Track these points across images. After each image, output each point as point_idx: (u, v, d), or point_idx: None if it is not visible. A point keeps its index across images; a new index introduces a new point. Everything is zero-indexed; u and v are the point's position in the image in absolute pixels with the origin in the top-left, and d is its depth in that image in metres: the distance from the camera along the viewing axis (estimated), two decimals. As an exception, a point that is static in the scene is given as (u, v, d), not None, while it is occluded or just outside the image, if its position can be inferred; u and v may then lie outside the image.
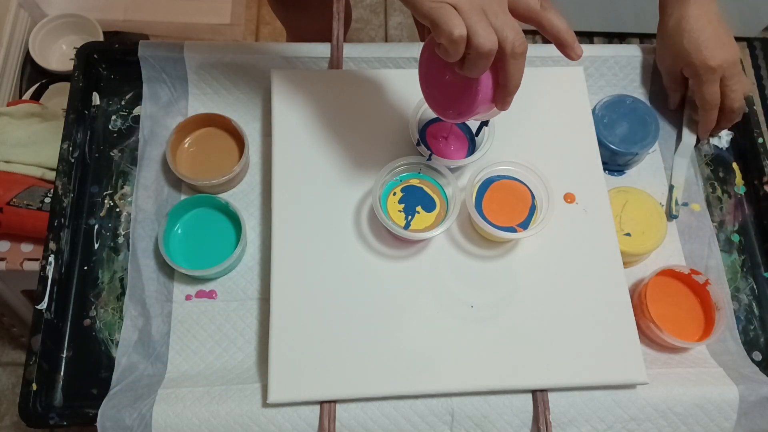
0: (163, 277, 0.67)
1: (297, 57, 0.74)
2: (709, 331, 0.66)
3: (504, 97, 0.51)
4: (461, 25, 0.46)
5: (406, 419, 0.59)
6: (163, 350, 0.64)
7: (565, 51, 0.52)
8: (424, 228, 0.64)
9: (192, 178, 0.68)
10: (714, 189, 0.77)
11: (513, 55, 0.48)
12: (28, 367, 0.61)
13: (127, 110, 0.75)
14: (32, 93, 1.36)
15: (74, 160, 0.70)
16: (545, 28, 0.51)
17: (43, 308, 0.62)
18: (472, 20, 0.46)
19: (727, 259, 0.73)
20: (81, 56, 0.74)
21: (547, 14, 0.51)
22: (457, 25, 0.46)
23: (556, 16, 0.51)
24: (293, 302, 0.61)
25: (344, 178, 0.66)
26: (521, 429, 0.60)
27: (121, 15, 1.56)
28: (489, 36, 0.46)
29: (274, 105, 0.69)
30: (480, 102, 0.51)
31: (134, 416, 0.58)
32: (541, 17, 0.51)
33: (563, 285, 0.64)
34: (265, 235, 0.69)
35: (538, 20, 0.51)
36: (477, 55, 0.47)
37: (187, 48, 0.73)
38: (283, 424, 0.58)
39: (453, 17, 0.46)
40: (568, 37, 0.52)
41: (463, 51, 0.47)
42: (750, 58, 1.80)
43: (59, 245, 0.66)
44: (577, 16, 1.72)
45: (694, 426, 0.62)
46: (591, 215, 0.66)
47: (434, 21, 0.46)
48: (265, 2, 1.70)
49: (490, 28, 0.46)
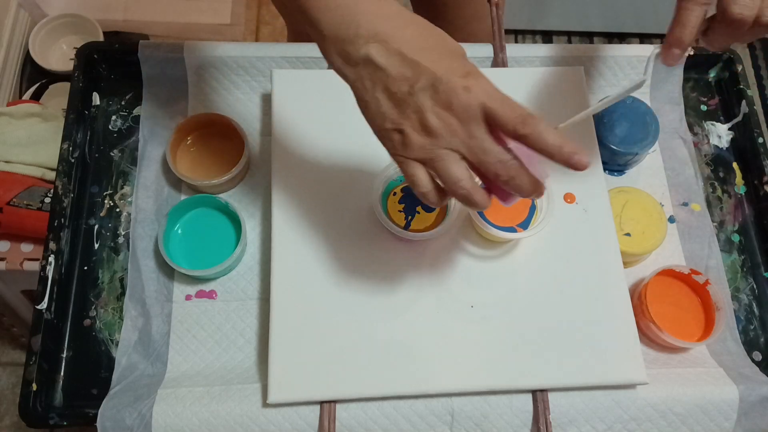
0: (163, 277, 0.67)
1: (297, 57, 0.74)
2: (709, 331, 0.66)
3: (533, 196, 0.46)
4: (425, 180, 0.45)
5: (406, 419, 0.59)
6: (163, 350, 0.64)
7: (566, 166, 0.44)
8: (424, 228, 0.64)
9: (192, 178, 0.68)
10: (714, 189, 0.77)
11: (503, 183, 0.44)
12: (28, 367, 0.61)
13: (127, 110, 0.75)
14: (32, 93, 1.36)
15: (74, 160, 0.70)
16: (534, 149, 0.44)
17: (43, 308, 0.62)
18: (437, 167, 0.44)
19: (727, 259, 0.73)
20: (81, 56, 0.74)
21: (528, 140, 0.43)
22: (420, 180, 0.45)
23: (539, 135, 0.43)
24: (293, 302, 0.61)
25: (344, 178, 0.66)
26: (521, 429, 0.60)
27: (121, 15, 1.56)
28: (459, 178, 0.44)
29: (274, 105, 0.69)
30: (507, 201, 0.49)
31: (134, 416, 0.58)
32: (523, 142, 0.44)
33: (563, 285, 0.64)
34: (265, 235, 0.69)
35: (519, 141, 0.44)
36: (458, 198, 0.45)
37: (187, 48, 0.73)
38: (283, 424, 0.58)
39: (414, 173, 0.45)
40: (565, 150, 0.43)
41: (442, 198, 0.46)
42: (750, 58, 1.80)
43: (59, 245, 0.66)
44: (577, 16, 1.72)
45: (694, 426, 0.62)
46: (591, 215, 0.66)
47: (404, 175, 0.46)
48: (265, 2, 1.70)
49: (459, 168, 0.44)
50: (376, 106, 0.45)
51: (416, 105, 0.43)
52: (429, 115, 0.43)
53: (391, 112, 0.44)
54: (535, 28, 1.77)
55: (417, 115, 0.43)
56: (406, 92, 0.44)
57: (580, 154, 0.43)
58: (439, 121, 0.43)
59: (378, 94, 0.44)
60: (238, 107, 0.75)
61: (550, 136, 0.43)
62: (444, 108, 0.43)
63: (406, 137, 0.44)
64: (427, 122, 0.43)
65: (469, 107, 0.43)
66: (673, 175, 0.76)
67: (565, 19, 1.73)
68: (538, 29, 1.77)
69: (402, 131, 0.44)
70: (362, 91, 0.45)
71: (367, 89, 0.45)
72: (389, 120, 0.44)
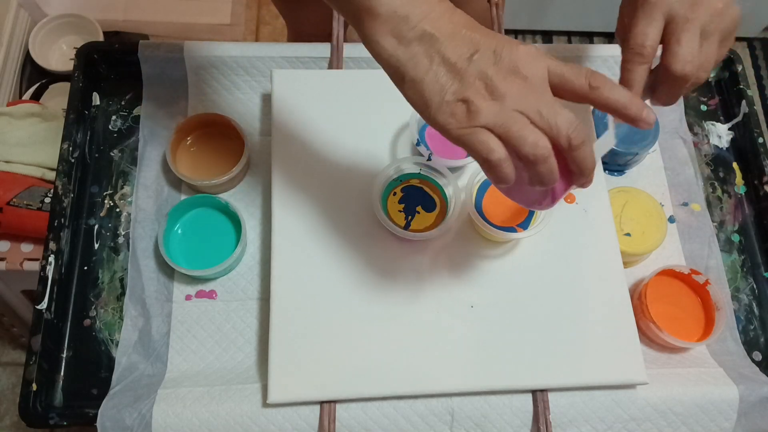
0: (163, 277, 0.67)
1: (297, 57, 0.74)
2: (709, 331, 0.66)
3: (584, 181, 0.45)
4: (497, 147, 0.41)
5: (406, 419, 0.59)
6: (163, 350, 0.64)
7: (633, 124, 0.44)
8: (424, 228, 0.64)
9: (192, 178, 0.68)
10: (714, 189, 0.77)
11: (572, 148, 0.42)
12: (28, 367, 0.61)
13: (127, 110, 0.75)
14: (32, 93, 1.36)
15: (74, 160, 0.70)
16: (602, 109, 0.44)
17: (43, 308, 0.62)
18: (510, 132, 0.41)
19: (727, 259, 0.73)
20: (81, 56, 0.74)
21: (598, 93, 0.43)
22: (492, 147, 0.41)
23: (609, 92, 0.43)
24: (293, 302, 0.61)
25: (344, 178, 0.66)
26: (521, 429, 0.60)
27: (121, 15, 1.56)
28: (536, 140, 0.41)
29: (274, 105, 0.69)
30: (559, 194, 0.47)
31: (134, 416, 0.58)
32: (592, 99, 0.43)
33: (563, 285, 0.64)
34: (265, 235, 0.69)
35: (587, 100, 0.44)
36: (534, 164, 0.41)
37: (187, 48, 0.73)
38: (283, 424, 0.58)
39: (485, 140, 0.41)
40: (631, 110, 0.43)
41: (512, 170, 0.42)
42: (750, 58, 1.80)
43: (59, 245, 0.66)
44: (577, 16, 1.72)
45: (694, 426, 0.62)
46: (591, 215, 0.66)
47: (468, 148, 0.42)
48: (265, 2, 1.70)
49: (534, 131, 0.41)
50: (434, 81, 0.42)
51: (479, 71, 0.42)
52: (495, 78, 0.41)
53: (452, 83, 0.42)
54: (535, 28, 1.77)
55: (482, 81, 0.41)
56: (466, 59, 0.42)
57: (648, 110, 0.43)
58: (507, 84, 0.41)
59: (436, 67, 0.42)
60: (238, 107, 0.75)
61: (619, 90, 0.43)
62: (509, 73, 0.42)
63: (472, 104, 0.41)
64: (494, 86, 0.41)
65: (537, 70, 0.42)
66: (673, 175, 0.76)
67: (565, 19, 1.73)
68: (538, 29, 1.77)
69: (467, 100, 0.41)
70: (416, 70, 0.42)
71: (422, 65, 0.42)
72: (451, 91, 0.42)
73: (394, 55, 0.43)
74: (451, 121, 0.42)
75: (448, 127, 0.42)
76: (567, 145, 0.42)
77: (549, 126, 0.41)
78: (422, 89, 0.42)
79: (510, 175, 0.42)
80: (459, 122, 0.42)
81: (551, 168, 0.42)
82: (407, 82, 0.43)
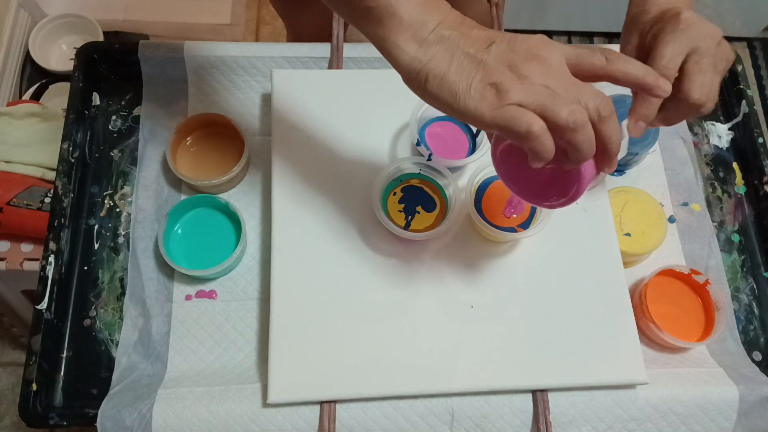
0: (163, 277, 0.67)
1: (297, 57, 0.74)
2: (709, 331, 0.66)
3: (610, 161, 0.46)
4: (535, 119, 0.41)
5: (406, 419, 0.59)
6: (163, 350, 0.64)
7: (651, 93, 0.46)
8: (424, 228, 0.64)
9: (192, 178, 0.68)
10: (714, 189, 0.77)
11: (601, 120, 0.43)
12: (28, 367, 0.61)
13: (127, 110, 0.75)
14: (32, 93, 1.36)
15: (74, 160, 0.70)
16: (620, 80, 0.45)
17: (43, 308, 0.62)
18: (544, 104, 0.42)
19: (727, 259, 0.73)
20: (81, 56, 0.74)
21: (616, 66, 0.45)
22: (530, 120, 0.41)
23: (625, 64, 0.45)
24: (293, 302, 0.61)
25: (344, 178, 0.66)
26: (521, 429, 0.60)
27: (121, 15, 1.56)
28: (572, 108, 0.41)
29: (274, 105, 0.69)
30: (586, 179, 0.46)
31: (134, 416, 0.58)
32: (611, 72, 0.45)
33: (563, 285, 0.64)
34: (265, 235, 0.69)
35: (607, 77, 0.45)
36: (574, 131, 0.42)
37: (187, 48, 0.73)
38: (283, 424, 0.58)
39: (521, 114, 0.41)
40: (648, 80, 0.46)
41: (552, 143, 0.42)
42: (750, 58, 1.80)
43: (59, 245, 0.66)
44: (577, 16, 1.72)
45: (694, 426, 0.62)
46: (591, 215, 0.66)
47: (505, 127, 0.42)
48: (265, 2, 1.70)
49: (566, 102, 0.42)
50: (458, 71, 0.43)
51: (501, 58, 0.43)
52: (518, 62, 0.42)
53: (476, 71, 0.43)
54: (535, 28, 1.77)
55: (506, 66, 0.43)
56: (485, 50, 0.43)
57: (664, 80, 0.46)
58: (529, 66, 0.42)
59: (458, 59, 0.43)
60: (238, 107, 0.75)
61: (633, 62, 0.45)
62: (529, 57, 0.43)
63: (501, 85, 0.42)
64: (517, 68, 0.42)
65: (553, 53, 0.43)
66: (673, 175, 0.76)
67: (565, 19, 1.73)
68: (538, 29, 1.77)
69: (495, 83, 0.42)
70: (439, 66, 0.44)
71: (444, 61, 0.43)
72: (477, 78, 0.43)
73: (416, 57, 0.44)
74: (483, 105, 0.43)
75: (481, 111, 0.43)
76: (597, 116, 0.42)
77: (576, 99, 0.42)
78: (447, 82, 0.43)
79: (551, 147, 0.43)
80: (491, 104, 0.42)
81: (590, 135, 0.42)
82: (430, 80, 0.44)
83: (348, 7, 0.47)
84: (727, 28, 1.77)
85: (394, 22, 0.44)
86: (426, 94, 0.45)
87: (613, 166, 0.46)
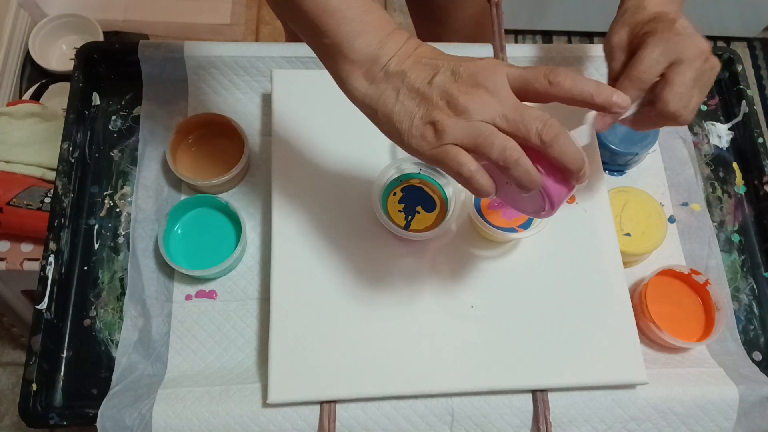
0: (163, 277, 0.67)
1: (297, 57, 0.74)
2: (709, 331, 0.66)
3: (574, 176, 0.44)
4: (467, 159, 0.42)
5: (406, 419, 0.59)
6: (163, 350, 0.64)
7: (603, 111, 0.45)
8: (424, 228, 0.64)
9: (192, 178, 0.68)
10: (714, 189, 0.77)
11: (546, 145, 0.42)
12: (28, 367, 0.61)
13: (127, 110, 0.75)
14: (32, 93, 1.36)
15: (74, 160, 0.70)
16: (567, 102, 0.44)
17: (43, 308, 0.62)
18: (477, 143, 0.42)
19: (727, 259, 0.73)
20: (81, 56, 0.74)
21: (562, 88, 0.44)
22: (462, 161, 0.42)
23: (572, 86, 0.44)
24: (293, 302, 0.61)
25: (344, 178, 0.66)
26: (521, 429, 0.60)
27: (121, 15, 1.56)
28: (503, 144, 0.42)
29: (274, 105, 0.69)
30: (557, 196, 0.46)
31: (134, 416, 0.58)
32: (555, 95, 0.44)
33: (563, 285, 0.64)
34: (265, 235, 0.69)
35: (552, 98, 0.44)
36: (507, 169, 0.42)
37: (187, 48, 0.73)
38: (283, 424, 0.58)
39: (455, 155, 0.42)
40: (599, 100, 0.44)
41: (487, 182, 0.43)
42: (750, 58, 1.80)
43: (59, 245, 0.66)
44: (577, 16, 1.72)
45: (694, 426, 0.62)
46: (591, 215, 0.66)
47: (441, 165, 0.43)
48: (264, 2, 1.70)
49: (500, 136, 0.42)
50: (402, 110, 0.44)
51: (441, 91, 0.43)
52: (457, 95, 0.43)
53: (418, 109, 0.44)
54: (535, 28, 1.77)
55: (444, 99, 0.43)
56: (427, 83, 0.44)
57: (618, 92, 0.44)
58: (469, 98, 0.43)
59: (402, 97, 0.44)
60: (238, 107, 0.75)
61: (582, 80, 0.44)
62: (470, 86, 0.43)
63: (438, 124, 0.43)
64: (456, 102, 0.43)
65: (496, 77, 0.43)
66: (673, 175, 0.76)
67: (565, 19, 1.73)
68: (538, 29, 1.77)
69: (433, 121, 0.43)
70: (386, 105, 0.45)
71: (390, 99, 0.45)
72: (418, 116, 0.44)
73: (366, 94, 0.46)
74: (423, 144, 0.44)
75: (421, 150, 0.44)
76: (539, 141, 0.42)
77: (516, 128, 0.42)
78: (393, 120, 0.45)
79: (486, 186, 0.43)
80: (430, 143, 0.43)
81: (526, 169, 0.42)
82: (380, 117, 0.46)
83: (307, 39, 0.48)
84: (727, 28, 1.77)
85: (347, 59, 0.46)
86: (380, 129, 0.46)
87: (580, 179, 0.45)
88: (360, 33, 0.45)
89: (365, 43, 0.45)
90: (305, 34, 0.48)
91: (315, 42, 0.48)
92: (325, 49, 0.47)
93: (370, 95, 0.46)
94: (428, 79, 0.44)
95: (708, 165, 0.78)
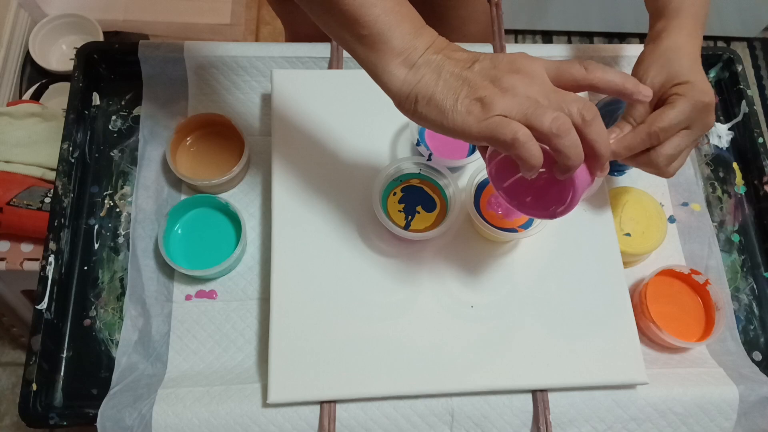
0: (163, 277, 0.67)
1: (297, 57, 0.74)
2: (709, 331, 0.66)
3: (601, 165, 0.46)
4: (519, 127, 0.43)
5: (406, 419, 0.59)
6: (163, 350, 0.64)
7: (631, 99, 0.48)
8: (424, 228, 0.64)
9: (192, 178, 0.68)
10: (714, 189, 0.77)
11: (586, 124, 0.44)
12: (28, 367, 0.61)
13: (127, 110, 0.75)
14: (32, 93, 1.36)
15: (74, 160, 0.70)
16: (600, 88, 0.47)
17: (43, 308, 0.62)
18: (528, 113, 0.43)
19: (727, 259, 0.73)
20: (81, 56, 0.74)
21: (595, 74, 0.46)
22: (515, 128, 0.42)
23: (604, 73, 0.47)
24: (293, 302, 0.61)
25: (344, 178, 0.66)
26: (521, 429, 0.60)
27: (121, 15, 1.56)
28: (555, 115, 0.43)
29: (274, 105, 0.69)
30: (581, 186, 0.47)
31: (134, 416, 0.58)
32: (591, 80, 0.46)
33: (563, 285, 0.64)
34: (265, 235, 0.69)
35: (588, 86, 0.47)
36: (559, 138, 0.42)
37: (187, 48, 0.73)
38: (283, 424, 0.58)
39: (506, 124, 0.43)
40: (628, 86, 0.47)
41: (538, 150, 0.43)
42: (750, 58, 1.81)
43: (59, 245, 0.66)
44: (577, 16, 1.72)
45: (694, 426, 0.62)
46: (591, 215, 0.66)
47: (491, 137, 0.43)
48: (265, 2, 1.70)
49: (550, 109, 0.43)
50: (444, 89, 0.45)
51: (485, 74, 0.45)
52: (501, 76, 0.44)
53: (461, 88, 0.45)
54: (535, 28, 1.77)
55: (489, 81, 0.44)
56: (468, 68, 0.45)
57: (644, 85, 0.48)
58: (512, 79, 0.44)
59: (443, 79, 0.45)
60: (238, 107, 0.75)
61: (612, 70, 0.47)
62: (511, 71, 0.45)
63: (485, 98, 0.44)
64: (501, 81, 0.44)
65: (533, 65, 0.45)
66: (673, 175, 0.76)
67: (565, 19, 1.73)
68: (538, 29, 1.77)
69: (480, 97, 0.44)
70: (428, 87, 0.45)
71: (431, 82, 0.45)
72: (463, 94, 0.44)
73: (405, 80, 0.46)
74: (470, 118, 0.44)
75: (468, 124, 0.44)
76: (581, 120, 0.44)
77: (559, 106, 0.44)
78: (435, 100, 0.45)
79: (538, 153, 0.43)
80: (477, 117, 0.44)
81: (576, 140, 0.43)
82: (420, 101, 0.46)
83: (342, 32, 0.48)
84: (727, 28, 1.77)
85: (387, 48, 0.47)
86: (416, 116, 0.47)
87: (605, 169, 0.47)
88: (398, 23, 0.46)
89: (405, 31, 0.46)
90: (339, 28, 0.48)
91: (351, 34, 0.48)
92: (362, 40, 0.47)
93: (408, 81, 0.46)
94: (468, 65, 0.45)
95: (708, 165, 0.78)
